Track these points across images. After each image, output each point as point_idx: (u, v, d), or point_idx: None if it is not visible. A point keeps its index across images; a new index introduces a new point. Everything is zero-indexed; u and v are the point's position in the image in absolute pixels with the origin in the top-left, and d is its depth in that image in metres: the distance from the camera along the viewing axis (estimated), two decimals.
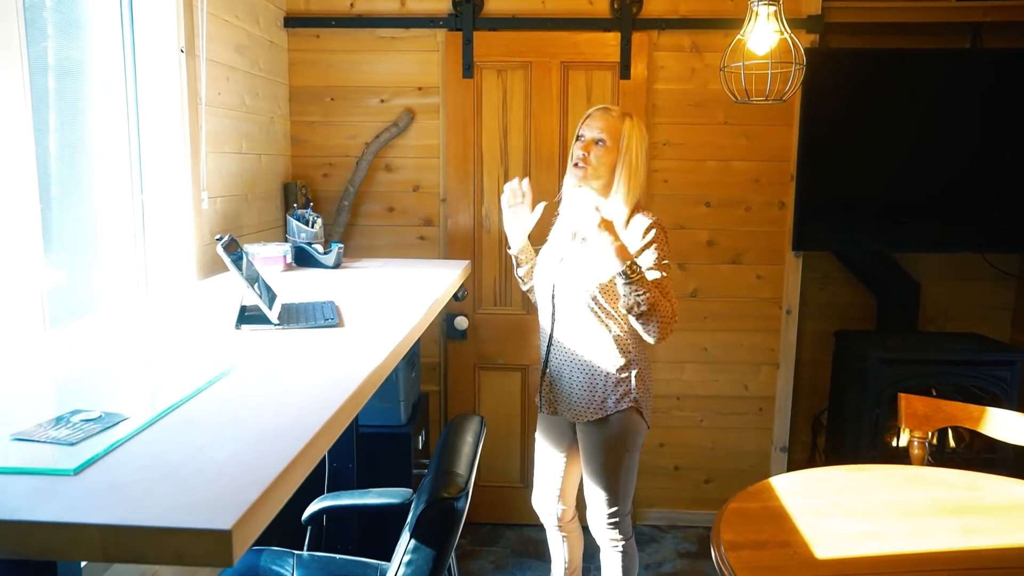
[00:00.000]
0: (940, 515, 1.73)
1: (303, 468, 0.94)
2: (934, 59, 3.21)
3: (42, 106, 1.88)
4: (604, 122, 2.17)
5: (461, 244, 3.26)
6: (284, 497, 0.88)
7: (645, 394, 2.30)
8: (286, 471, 0.88)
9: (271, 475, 0.85)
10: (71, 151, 2.02)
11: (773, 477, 1.92)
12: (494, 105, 3.20)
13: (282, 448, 0.94)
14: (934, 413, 2.12)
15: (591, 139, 2.18)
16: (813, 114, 3.14)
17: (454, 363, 3.33)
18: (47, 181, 1.90)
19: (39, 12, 1.89)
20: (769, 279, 3.27)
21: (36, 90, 1.84)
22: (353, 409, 1.16)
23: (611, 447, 2.28)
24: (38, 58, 1.88)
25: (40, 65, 1.88)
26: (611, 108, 2.23)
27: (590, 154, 2.16)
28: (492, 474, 3.39)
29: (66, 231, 2.02)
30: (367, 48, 3.22)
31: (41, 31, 1.91)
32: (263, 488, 0.82)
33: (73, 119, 2.02)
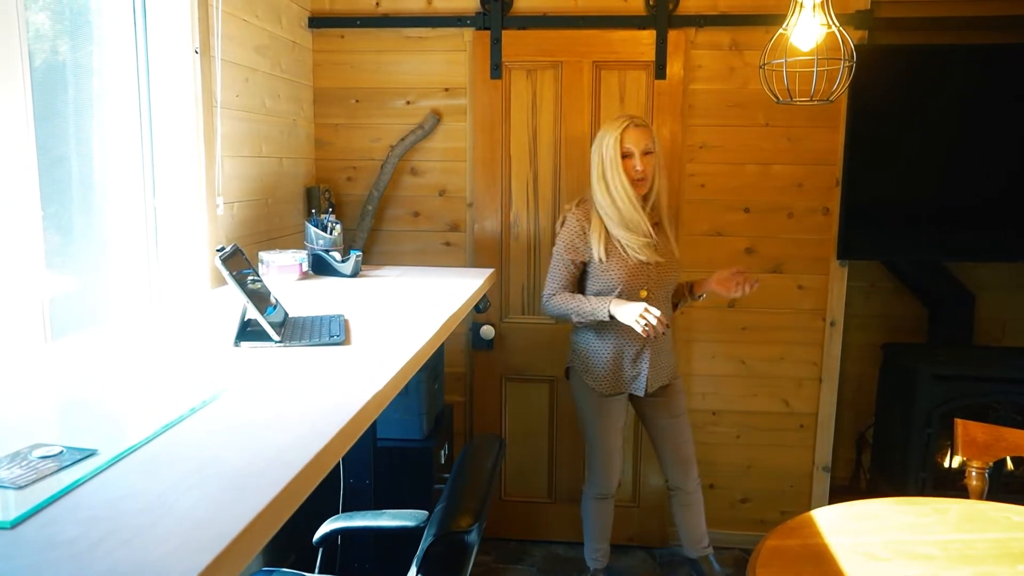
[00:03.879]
0: (1004, 560, 1.57)
1: (274, 519, 0.83)
2: (991, 55, 3.00)
3: (49, 110, 1.81)
4: (644, 133, 2.40)
5: (488, 251, 3.15)
6: (249, 554, 0.78)
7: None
8: (250, 527, 0.77)
9: (231, 533, 0.75)
10: (82, 156, 1.96)
11: (815, 510, 1.77)
12: (523, 106, 3.08)
13: (252, 496, 0.83)
14: (995, 442, 1.95)
15: (641, 152, 2.39)
16: (860, 114, 2.96)
17: (480, 374, 3.22)
18: (58, 187, 1.83)
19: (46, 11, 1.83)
20: (812, 289, 3.09)
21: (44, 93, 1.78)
22: (343, 445, 1.05)
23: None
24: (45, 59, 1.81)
25: (48, 66, 1.82)
26: (634, 118, 2.42)
27: (647, 167, 2.40)
28: (518, 489, 3.27)
29: (76, 238, 1.95)
30: (393, 48, 3.13)
31: (48, 31, 1.84)
32: (218, 551, 0.71)
33: (83, 122, 1.96)
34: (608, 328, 2.51)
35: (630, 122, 2.40)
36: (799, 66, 2.06)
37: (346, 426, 1.06)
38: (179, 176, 2.20)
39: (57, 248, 1.89)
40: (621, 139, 2.38)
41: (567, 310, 2.49)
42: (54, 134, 1.84)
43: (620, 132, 2.38)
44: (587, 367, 2.58)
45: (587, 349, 2.57)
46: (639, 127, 2.40)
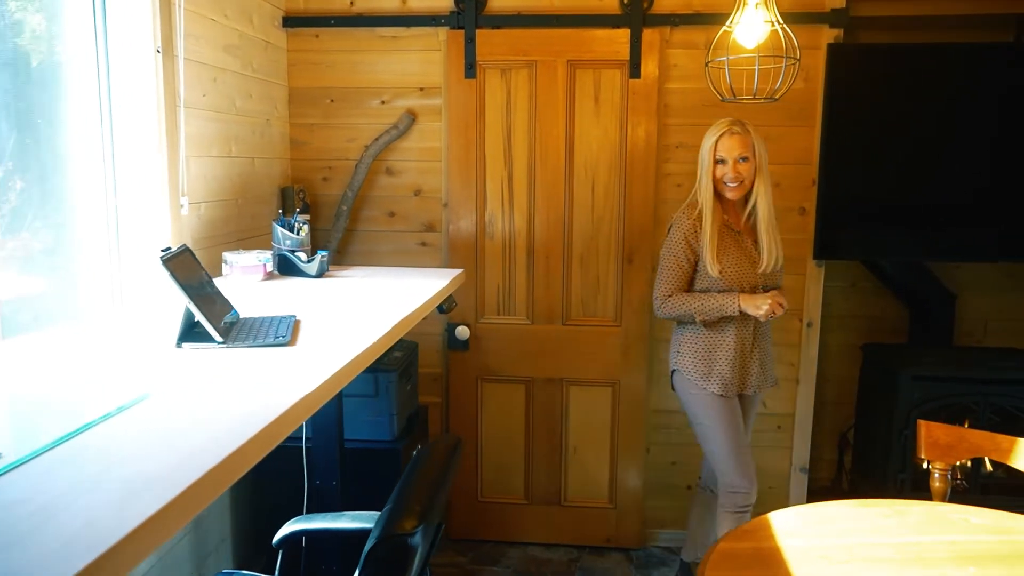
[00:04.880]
0: (958, 563, 1.55)
1: (170, 523, 0.82)
2: (973, 53, 2.99)
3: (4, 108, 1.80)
4: (740, 140, 2.44)
5: (463, 250, 3.13)
6: (135, 558, 0.76)
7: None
8: (137, 531, 0.75)
9: (113, 538, 0.73)
10: (41, 156, 1.94)
11: (773, 512, 1.75)
12: (497, 106, 3.06)
13: (146, 500, 0.81)
14: (957, 443, 1.93)
15: (735, 159, 2.44)
16: (837, 114, 2.94)
17: (456, 375, 3.20)
18: (17, 189, 1.82)
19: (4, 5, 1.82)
20: (789, 290, 3.05)
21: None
22: (260, 449, 1.03)
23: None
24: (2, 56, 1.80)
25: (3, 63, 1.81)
26: (734, 125, 2.45)
27: (742, 172, 2.44)
28: (494, 490, 3.26)
29: (37, 239, 1.94)
30: (368, 48, 3.12)
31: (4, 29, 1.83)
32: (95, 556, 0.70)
33: (42, 122, 1.95)
34: (730, 325, 2.50)
35: (728, 130, 2.44)
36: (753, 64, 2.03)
37: (264, 429, 1.05)
38: (141, 176, 2.19)
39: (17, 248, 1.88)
40: (716, 146, 2.45)
41: (690, 309, 2.47)
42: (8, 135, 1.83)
43: (716, 139, 2.45)
44: (709, 369, 2.52)
45: (707, 350, 2.53)
46: (735, 135, 2.43)
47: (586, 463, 3.22)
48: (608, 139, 3.03)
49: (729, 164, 2.43)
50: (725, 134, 2.44)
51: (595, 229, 3.08)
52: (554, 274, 3.11)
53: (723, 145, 2.44)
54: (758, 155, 2.46)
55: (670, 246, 2.52)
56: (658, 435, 3.21)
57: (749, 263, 2.49)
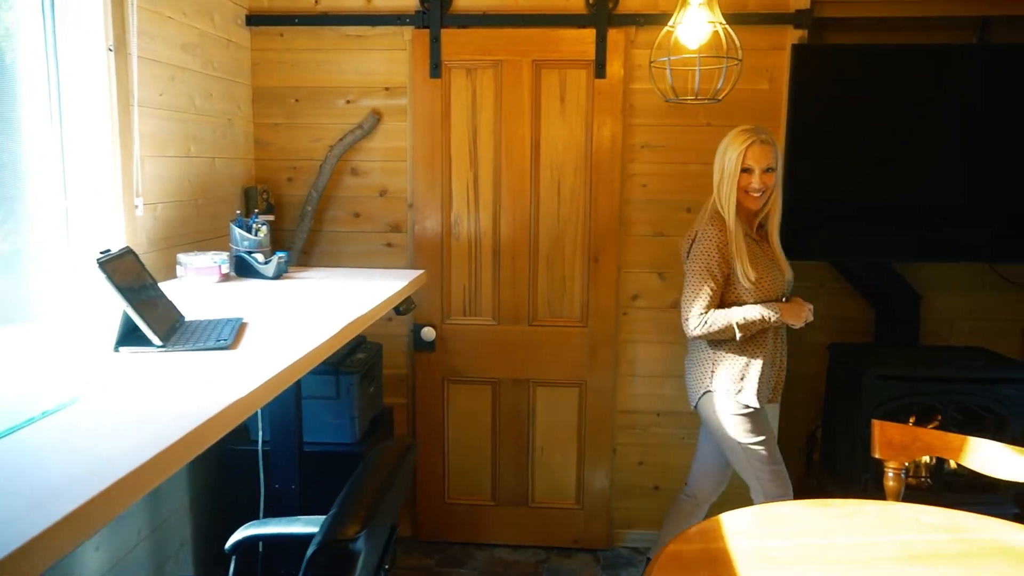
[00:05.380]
0: (905, 563, 1.55)
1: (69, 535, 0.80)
2: (937, 55, 3.00)
3: None
4: (768, 150, 2.41)
5: (429, 251, 3.12)
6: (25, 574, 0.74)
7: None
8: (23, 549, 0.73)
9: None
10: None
11: (725, 513, 1.74)
12: (463, 106, 3.05)
13: (43, 514, 0.79)
14: (911, 442, 1.93)
15: (763, 169, 2.40)
16: (802, 114, 2.94)
17: (422, 376, 3.18)
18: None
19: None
20: None
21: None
22: (180, 456, 1.01)
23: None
24: None
25: None
26: (760, 134, 2.40)
27: (767, 183, 2.42)
28: (461, 491, 3.24)
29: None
30: (332, 47, 3.09)
31: None
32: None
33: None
34: (765, 336, 2.46)
35: (756, 139, 2.39)
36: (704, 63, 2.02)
37: (186, 436, 1.03)
38: (93, 176, 2.16)
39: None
40: (744, 155, 2.39)
41: (731, 323, 2.39)
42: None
43: (744, 148, 2.39)
44: (749, 385, 2.44)
45: (745, 365, 2.45)
46: (764, 144, 2.40)
47: (553, 464, 3.21)
48: (574, 139, 3.02)
49: (756, 174, 2.39)
50: (754, 143, 2.38)
51: (561, 229, 3.07)
52: (520, 275, 3.10)
53: (752, 154, 2.39)
54: (779, 166, 2.46)
55: (703, 259, 2.42)
56: (625, 436, 3.20)
57: (778, 271, 2.49)
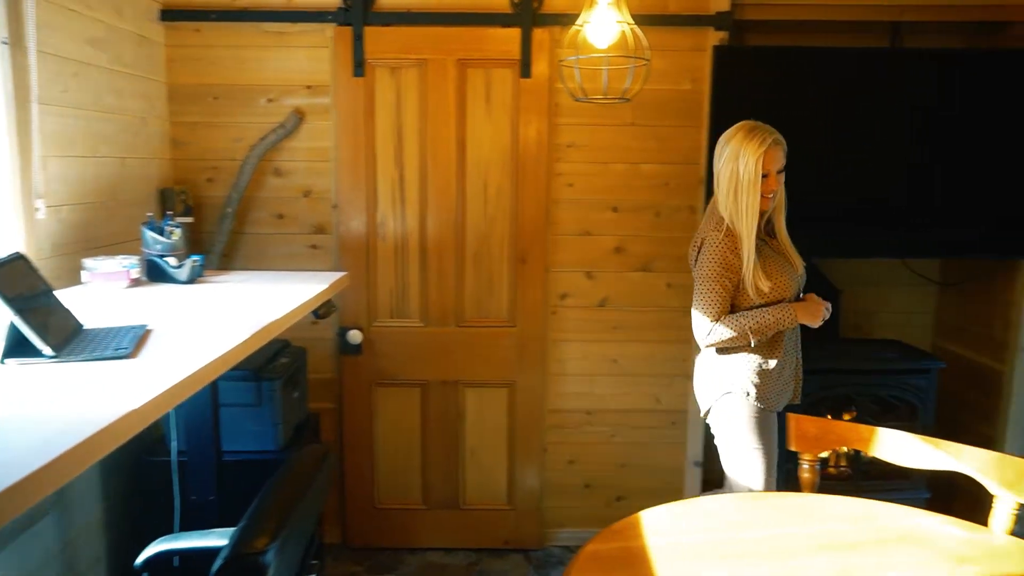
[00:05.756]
0: (817, 553, 1.58)
1: None
2: (852, 58, 3.08)
3: None
4: (779, 151, 2.34)
5: (355, 253, 3.06)
6: None
7: None
8: None
9: None
10: None
11: (644, 511, 1.76)
12: (388, 105, 3.00)
13: None
14: (824, 434, 1.98)
15: (778, 170, 2.34)
16: (724, 114, 2.97)
17: (349, 380, 3.13)
18: None
19: None
20: (681, 287, 3.12)
21: None
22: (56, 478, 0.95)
23: None
24: None
25: None
26: (774, 135, 2.34)
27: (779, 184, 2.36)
28: (390, 496, 3.20)
29: None
30: (252, 44, 3.01)
31: None
32: None
33: None
34: (782, 338, 2.38)
35: (772, 141, 2.31)
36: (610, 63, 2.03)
37: (72, 450, 0.97)
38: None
39: None
40: (763, 159, 2.29)
41: (745, 329, 2.30)
42: None
43: (763, 153, 2.28)
44: (764, 386, 2.37)
45: (764, 366, 2.37)
46: (777, 144, 2.32)
47: (483, 465, 3.19)
48: (500, 138, 3.01)
49: (772, 177, 2.32)
50: (771, 146, 2.30)
51: (488, 229, 3.06)
52: (447, 276, 3.07)
53: (769, 158, 2.30)
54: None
55: (710, 266, 2.32)
56: (555, 435, 3.21)
57: (791, 269, 2.40)
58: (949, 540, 1.65)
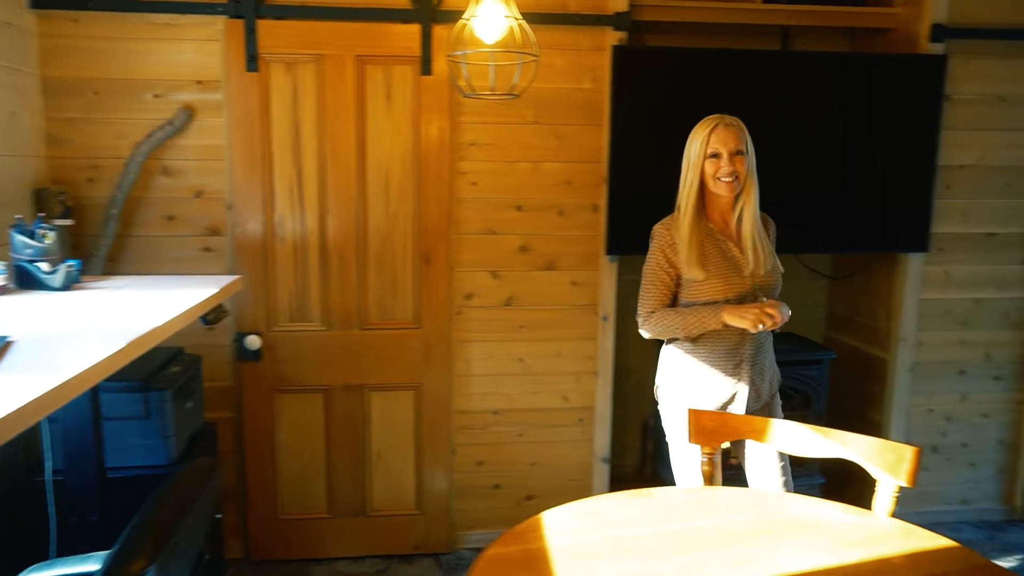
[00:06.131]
0: (716, 547, 1.60)
1: None
2: (745, 59, 3.18)
3: None
4: (734, 132, 2.28)
5: (252, 255, 2.95)
6: None
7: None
8: None
9: None
10: None
11: (546, 512, 1.75)
12: (284, 102, 2.90)
13: None
14: (720, 427, 2.02)
15: (730, 152, 2.26)
16: (624, 113, 3.03)
17: (249, 387, 3.01)
18: None
19: None
20: (585, 285, 3.14)
21: None
22: None
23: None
24: None
25: None
26: (724, 118, 2.30)
27: (736, 167, 2.26)
28: (295, 506, 3.09)
29: None
30: (136, 36, 2.85)
31: None
32: None
33: None
34: (720, 336, 2.31)
35: (719, 121, 2.28)
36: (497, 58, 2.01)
37: None
38: None
39: None
40: (709, 139, 2.27)
41: (670, 326, 2.32)
42: None
43: (708, 132, 2.27)
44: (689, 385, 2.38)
45: (694, 363, 2.37)
46: (729, 126, 2.27)
47: (391, 470, 3.13)
48: (401, 137, 2.96)
49: (724, 157, 2.25)
50: (718, 125, 2.27)
51: (391, 229, 3.00)
52: (349, 277, 3.00)
53: (717, 137, 2.26)
54: (749, 150, 2.29)
55: (648, 260, 2.38)
56: (463, 436, 3.18)
57: (735, 269, 2.29)
58: (837, 525, 1.70)
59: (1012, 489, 3.57)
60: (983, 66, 3.22)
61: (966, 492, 3.55)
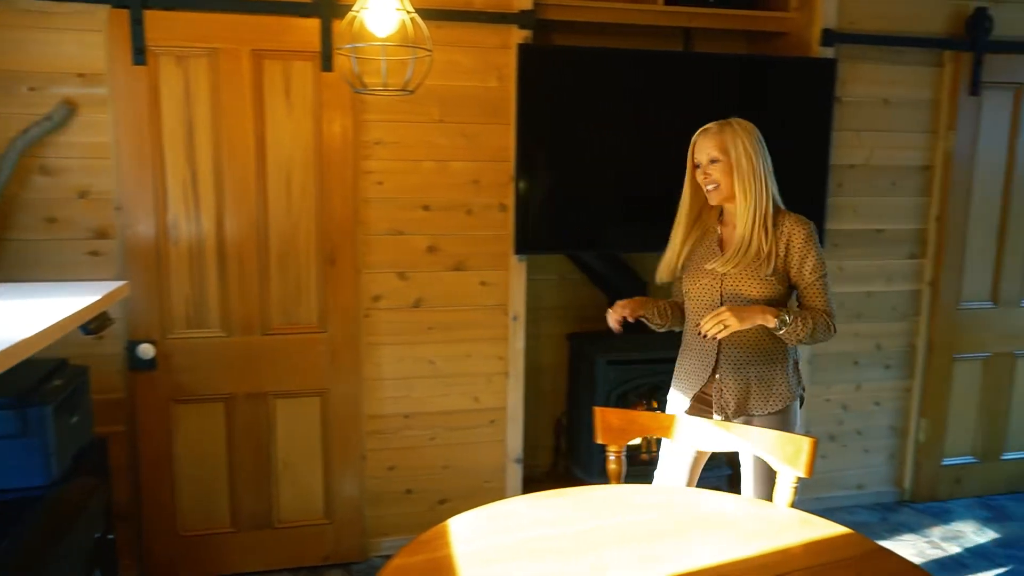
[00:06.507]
0: (623, 544, 1.61)
1: None
2: (650, 59, 3.23)
3: None
4: (709, 141, 2.24)
5: (143, 259, 2.79)
6: None
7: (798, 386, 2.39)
8: None
9: None
10: None
11: (453, 518, 1.72)
12: (175, 97, 2.76)
13: None
14: (628, 425, 2.04)
15: (706, 161, 2.24)
16: (531, 112, 3.02)
17: (143, 398, 2.85)
18: None
19: None
20: (495, 285, 3.12)
21: None
22: None
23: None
24: None
25: None
26: (709, 127, 2.27)
27: (713, 175, 2.23)
28: (196, 521, 2.95)
29: None
30: (7, 24, 2.64)
31: None
32: None
33: None
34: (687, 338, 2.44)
35: (701, 131, 2.28)
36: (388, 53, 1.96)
37: None
38: None
39: None
40: (693, 150, 2.29)
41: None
42: None
43: (693, 143, 2.30)
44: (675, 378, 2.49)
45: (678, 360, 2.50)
46: (707, 133, 2.25)
47: (298, 479, 3.03)
48: (302, 135, 2.86)
49: (703, 167, 2.24)
50: (700, 134, 2.27)
51: (293, 231, 2.90)
52: (250, 281, 2.88)
53: (697, 147, 2.27)
54: (734, 155, 2.20)
55: None
56: (374, 441, 3.11)
57: (704, 269, 2.29)
58: (741, 519, 1.74)
59: (902, 472, 3.76)
60: (870, 70, 3.38)
61: (861, 477, 3.72)
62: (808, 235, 2.22)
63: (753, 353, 2.25)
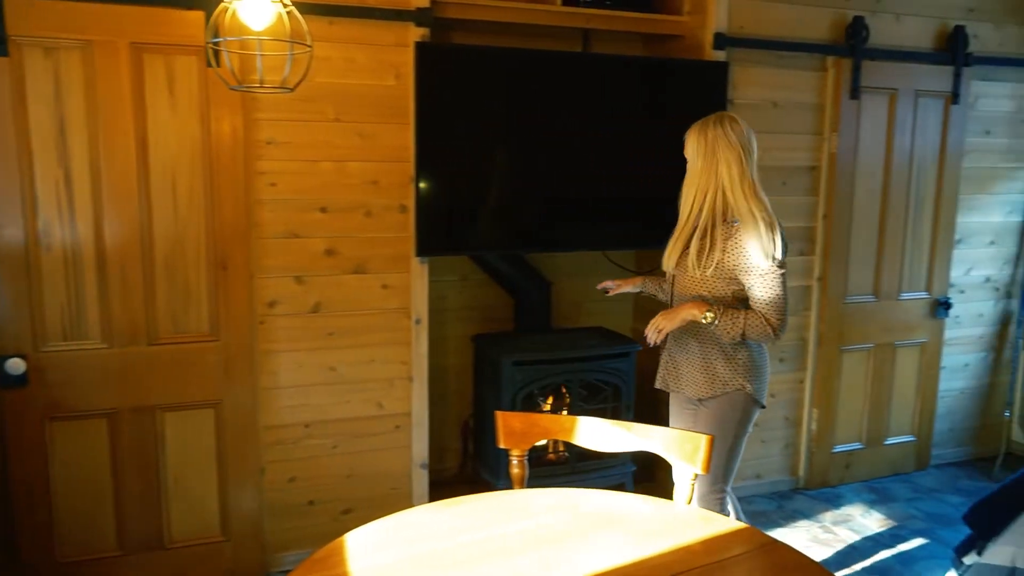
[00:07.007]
0: (527, 550, 1.59)
1: None
2: (550, 60, 3.23)
3: None
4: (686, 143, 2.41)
5: (11, 267, 2.58)
6: None
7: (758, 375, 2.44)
8: None
9: None
10: None
11: (350, 532, 1.66)
12: (44, 92, 2.56)
13: None
14: (530, 429, 2.02)
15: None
16: (430, 112, 2.97)
17: (13, 417, 2.63)
18: None
19: None
20: (396, 288, 3.06)
21: None
22: None
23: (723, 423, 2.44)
24: None
25: None
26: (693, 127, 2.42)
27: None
28: (78, 546, 2.76)
29: None
30: None
31: None
32: None
33: None
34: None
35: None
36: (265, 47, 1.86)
37: None
38: None
39: None
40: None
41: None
42: None
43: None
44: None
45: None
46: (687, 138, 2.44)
47: (191, 496, 2.87)
48: (189, 134, 2.71)
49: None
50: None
51: (181, 234, 2.75)
52: (134, 288, 2.71)
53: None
54: (691, 157, 2.40)
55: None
56: (273, 452, 2.99)
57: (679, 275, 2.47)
58: (641, 519, 1.75)
59: (796, 461, 3.92)
60: (759, 74, 3.50)
61: (759, 467, 3.85)
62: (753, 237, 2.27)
63: (688, 335, 2.46)
